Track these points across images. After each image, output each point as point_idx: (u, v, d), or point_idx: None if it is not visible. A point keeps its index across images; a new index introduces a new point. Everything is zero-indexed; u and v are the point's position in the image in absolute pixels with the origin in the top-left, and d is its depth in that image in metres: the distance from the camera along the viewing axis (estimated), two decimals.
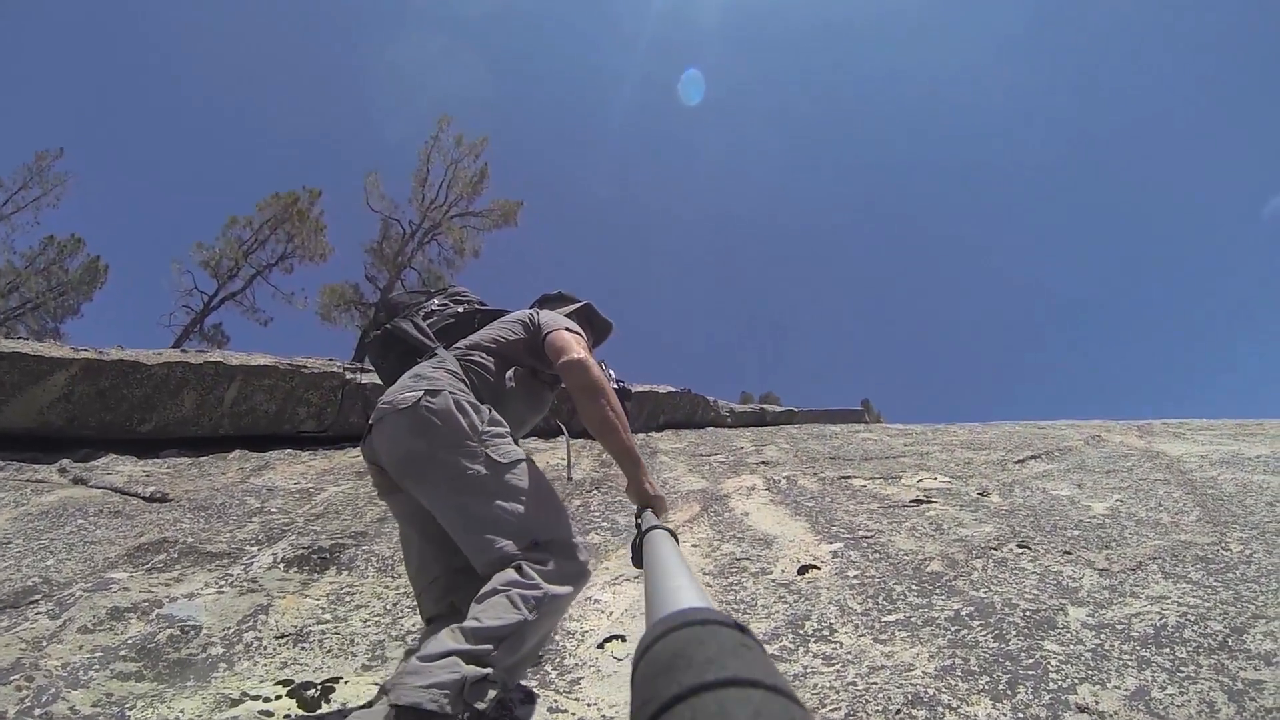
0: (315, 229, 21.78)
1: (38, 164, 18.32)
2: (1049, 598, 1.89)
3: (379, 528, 3.14)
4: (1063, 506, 2.98)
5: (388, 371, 1.71)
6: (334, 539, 2.84)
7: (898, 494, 3.46)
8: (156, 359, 6.36)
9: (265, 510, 3.50)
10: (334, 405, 7.75)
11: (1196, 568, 2.09)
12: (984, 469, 4.10)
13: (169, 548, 2.61)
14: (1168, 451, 4.05)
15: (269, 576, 2.37)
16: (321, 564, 2.57)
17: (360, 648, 1.90)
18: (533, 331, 1.62)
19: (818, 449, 6.06)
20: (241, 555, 2.59)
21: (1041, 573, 2.12)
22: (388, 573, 2.55)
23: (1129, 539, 2.45)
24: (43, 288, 18.97)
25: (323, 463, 5.69)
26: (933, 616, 1.81)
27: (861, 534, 2.70)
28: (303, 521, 3.23)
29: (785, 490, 3.75)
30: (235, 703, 1.52)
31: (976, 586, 2.01)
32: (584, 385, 1.44)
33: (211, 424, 6.58)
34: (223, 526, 3.05)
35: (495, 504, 1.30)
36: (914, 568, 2.23)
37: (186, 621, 1.96)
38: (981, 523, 2.75)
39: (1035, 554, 2.31)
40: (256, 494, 3.95)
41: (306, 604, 2.18)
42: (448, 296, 1.85)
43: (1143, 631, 1.62)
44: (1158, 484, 3.24)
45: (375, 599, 2.29)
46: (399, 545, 2.80)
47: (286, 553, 2.60)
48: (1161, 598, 1.84)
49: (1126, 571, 2.08)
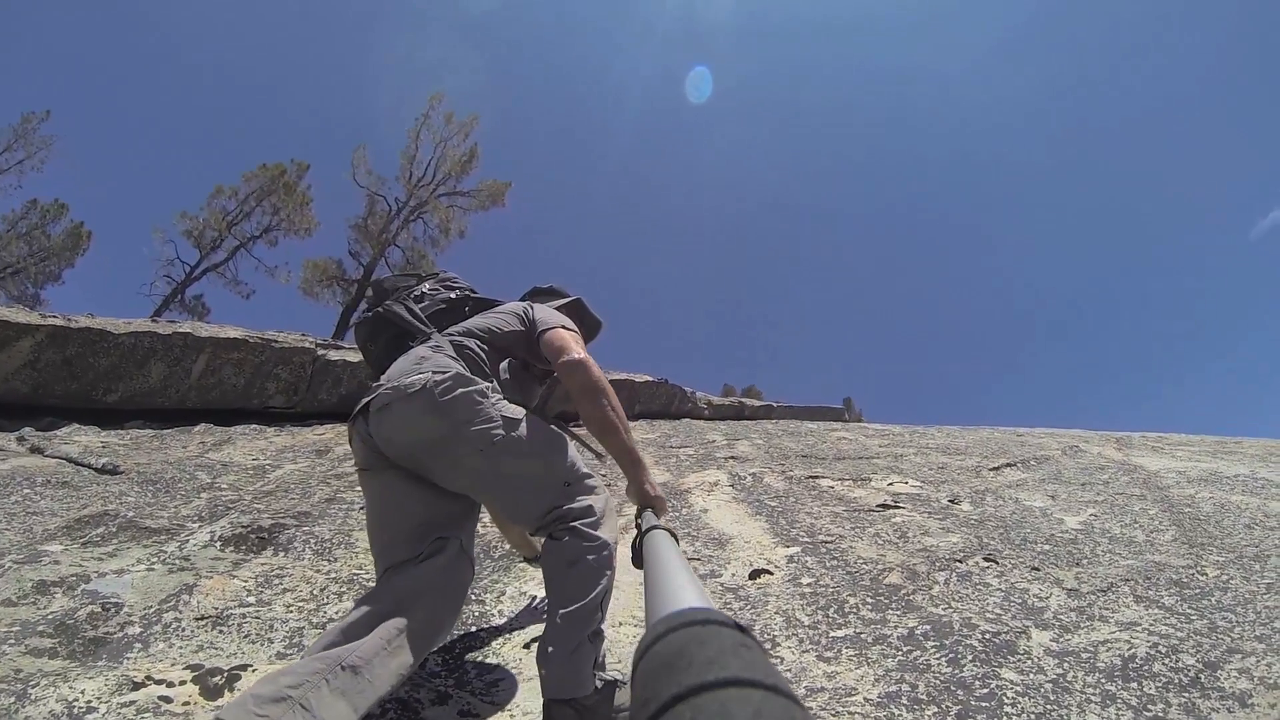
0: (301, 203, 21.35)
1: (23, 125, 17.79)
2: (1012, 618, 1.74)
3: (325, 508, 3.00)
4: (1034, 519, 2.84)
5: (376, 355, 1.71)
6: (276, 518, 2.72)
7: (865, 497, 3.32)
8: (125, 328, 6.17)
9: (215, 486, 3.39)
10: (304, 381, 7.57)
11: (1170, 592, 1.95)
12: (957, 475, 3.97)
13: (109, 521, 2.52)
14: (1145, 465, 3.94)
15: (203, 555, 2.27)
16: (259, 544, 2.45)
17: (278, 634, 1.80)
18: (528, 326, 1.62)
19: (791, 446, 5.93)
20: (180, 532, 2.48)
21: (1006, 590, 1.97)
22: (325, 556, 2.42)
23: (1101, 557, 2.31)
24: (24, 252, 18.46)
25: (285, 439, 5.53)
26: (885, 634, 1.65)
27: (822, 538, 2.55)
28: (250, 499, 3.11)
29: (749, 487, 3.60)
30: (138, 686, 1.45)
31: (936, 602, 1.87)
32: (585, 385, 1.45)
33: (178, 396, 6.42)
34: (169, 501, 2.96)
35: (525, 460, 1.36)
36: (872, 578, 2.08)
37: (110, 599, 1.89)
38: (949, 532, 2.61)
39: (1002, 569, 2.17)
40: (210, 469, 3.84)
41: (233, 585, 2.07)
42: (439, 282, 1.85)
43: (1109, 662, 1.47)
44: (1134, 499, 3.11)
45: (304, 583, 2.16)
46: (340, 528, 2.69)
47: (225, 531, 2.49)
48: (1132, 624, 1.71)
49: (1096, 593, 1.94)
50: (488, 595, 2.20)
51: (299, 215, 21.32)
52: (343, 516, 2.89)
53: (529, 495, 1.38)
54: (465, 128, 20.69)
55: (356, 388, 8.00)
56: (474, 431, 1.35)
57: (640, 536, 0.98)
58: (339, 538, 2.58)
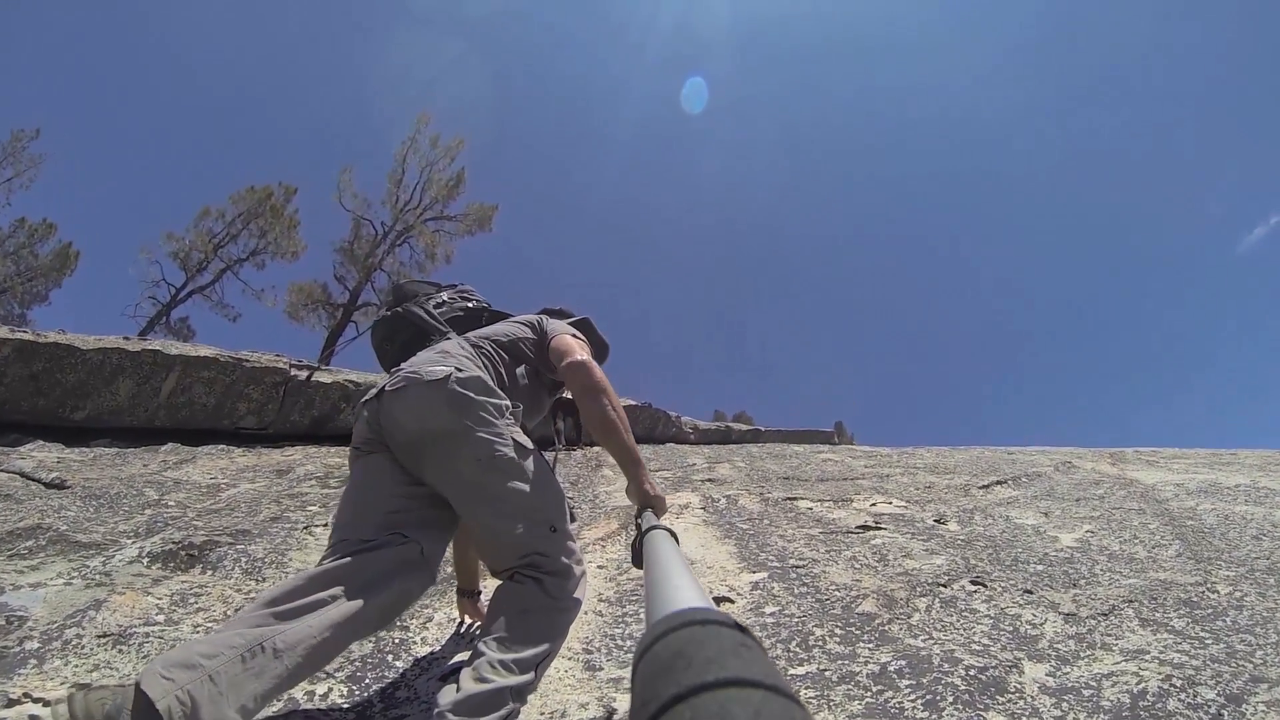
0: (289, 226, 21.14)
1: (13, 143, 17.54)
2: (1001, 649, 1.51)
3: (266, 527, 2.81)
4: (1026, 537, 2.62)
5: (392, 355, 1.72)
6: (212, 535, 2.56)
7: (845, 518, 3.09)
8: (92, 344, 6.00)
9: (162, 503, 3.24)
10: (275, 402, 7.33)
11: (1179, 613, 1.73)
12: (945, 494, 3.74)
13: (40, 534, 2.44)
14: (1142, 479, 3.73)
15: (126, 570, 2.16)
16: (188, 561, 2.30)
17: None
18: (540, 335, 1.65)
19: (773, 468, 5.69)
20: (111, 547, 2.38)
21: (996, 616, 1.74)
22: (252, 575, 2.26)
23: (1100, 576, 2.09)
24: (11, 272, 18.09)
25: (250, 459, 5.34)
26: (852, 672, 1.41)
27: (793, 563, 2.31)
28: (193, 516, 2.96)
29: (723, 510, 3.36)
30: (12, 703, 1.38)
31: (915, 633, 1.63)
32: (587, 386, 1.46)
33: (147, 415, 6.26)
34: (110, 516, 2.86)
35: (519, 486, 1.31)
36: (843, 606, 1.84)
37: (17, 611, 1.82)
38: (933, 554, 2.38)
39: (991, 593, 1.94)
40: (160, 486, 3.70)
41: (144, 603, 1.94)
42: (456, 292, 1.88)
43: (1116, 700, 1.24)
44: (1132, 513, 2.90)
45: (219, 602, 2.01)
46: (276, 547, 2.50)
47: (155, 547, 2.35)
48: (1139, 652, 1.48)
49: (1097, 617, 1.72)
50: (413, 621, 1.96)
51: (286, 238, 21.10)
52: (283, 536, 2.68)
53: (511, 524, 1.30)
54: (451, 151, 20.64)
55: (330, 409, 7.76)
56: (479, 438, 1.32)
57: (640, 536, 0.96)
58: (271, 557, 2.43)
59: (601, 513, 3.35)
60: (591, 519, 3.22)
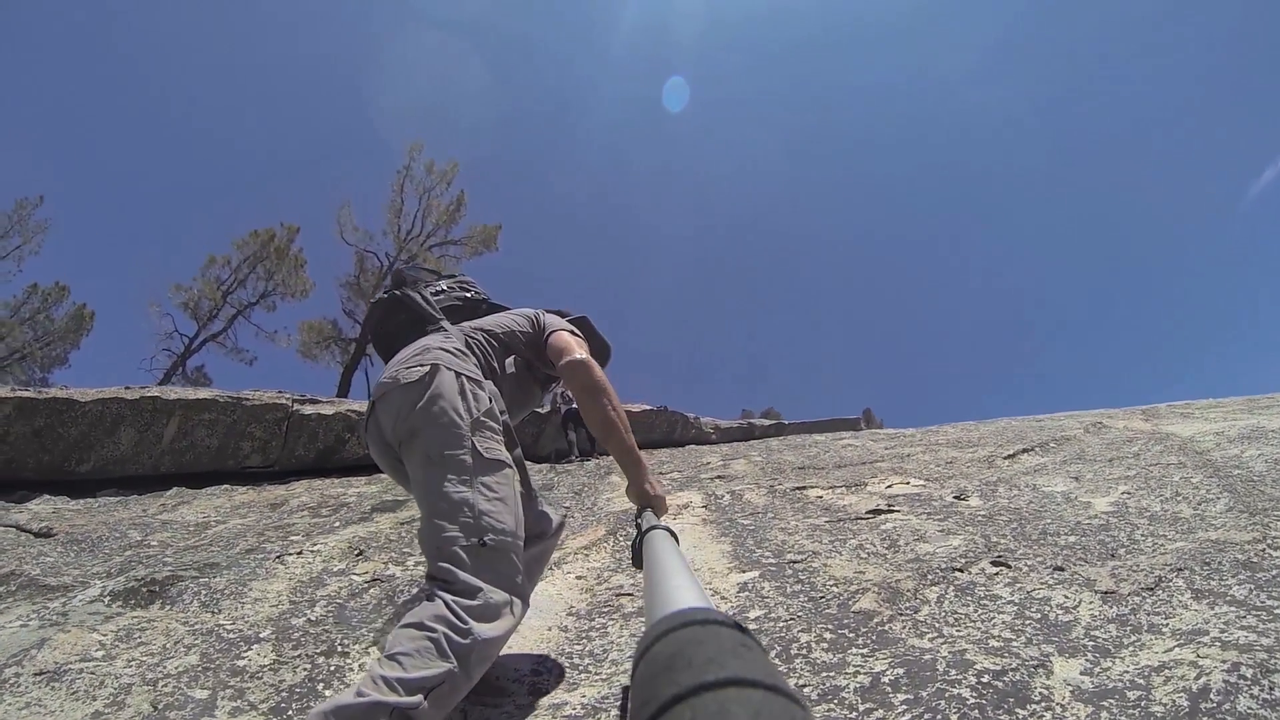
0: (295, 265, 21.33)
1: (18, 212, 17.90)
2: (1026, 644, 1.24)
3: (238, 559, 2.65)
4: (1056, 505, 2.33)
5: (386, 340, 1.69)
6: (178, 571, 2.43)
7: (855, 504, 2.81)
8: (91, 396, 5.97)
9: (144, 544, 3.23)
10: (278, 438, 7.24)
11: (1239, 579, 1.45)
12: (967, 468, 3.45)
13: (11, 580, 2.43)
14: (1178, 433, 3.40)
15: (83, 610, 2.07)
16: (148, 597, 2.18)
17: (104, 692, 1.58)
18: (538, 329, 1.63)
19: (790, 459, 5.43)
20: (77, 589, 2.30)
21: (1021, 602, 1.47)
22: (209, 608, 2.12)
23: (1142, 543, 1.81)
24: (29, 337, 18.42)
25: (249, 496, 5.29)
26: (837, 687, 1.15)
27: (790, 558, 2.06)
28: (170, 554, 2.92)
29: (725, 507, 3.11)
30: None
31: (921, 631, 1.37)
32: (586, 385, 1.44)
33: (151, 462, 6.30)
34: (88, 560, 2.86)
35: (460, 491, 1.23)
36: (840, 604, 1.58)
37: None
38: (949, 534, 2.11)
39: (1015, 574, 1.67)
40: (145, 528, 3.66)
41: (87, 640, 1.86)
42: (455, 282, 1.87)
43: (1171, 703, 0.97)
44: (1172, 468, 2.59)
45: (162, 636, 1.89)
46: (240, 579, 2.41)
47: (118, 586, 2.24)
48: (1195, 633, 1.21)
49: (1141, 592, 1.44)
50: (354, 646, 1.75)
51: (293, 278, 21.29)
52: (252, 567, 2.53)
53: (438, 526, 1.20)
54: (447, 176, 20.67)
55: (334, 441, 7.64)
56: (432, 435, 1.27)
57: (640, 536, 0.96)
58: (232, 588, 2.30)
59: (594, 520, 3.11)
60: (583, 526, 3.00)
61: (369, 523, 3.37)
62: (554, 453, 9.07)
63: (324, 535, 3.06)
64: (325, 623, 1.98)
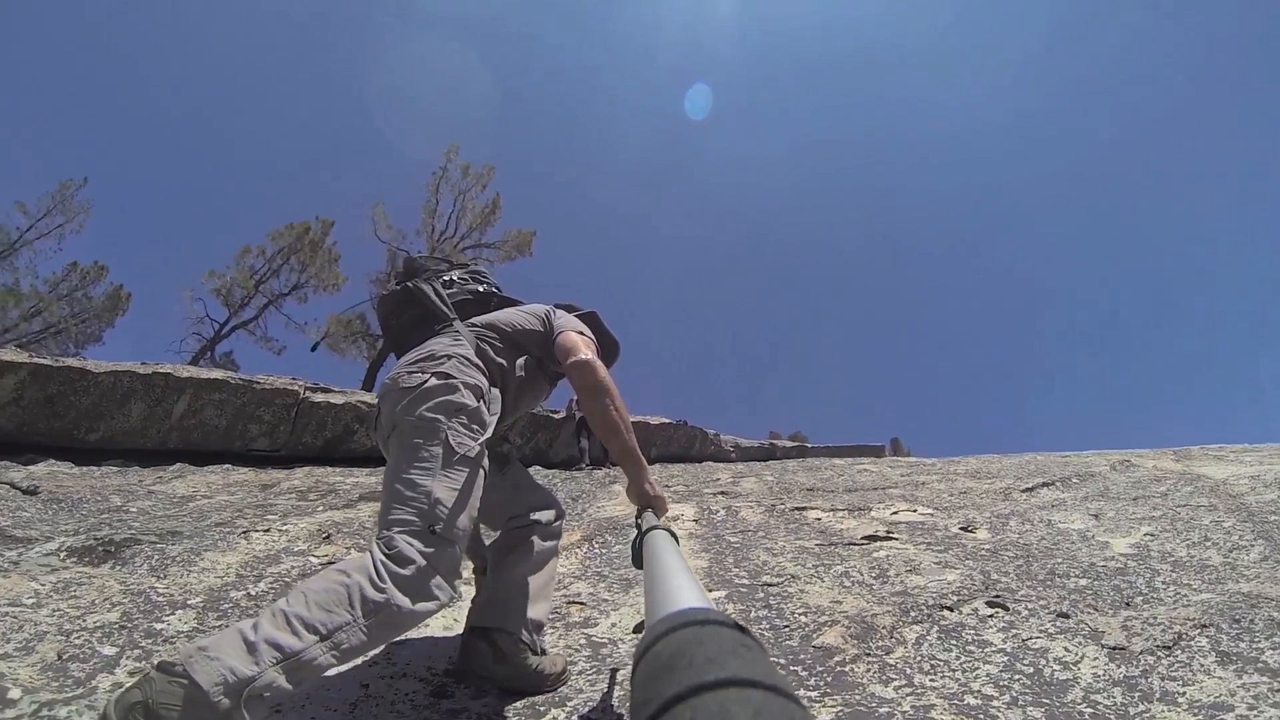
0: (329, 259, 21.66)
1: (61, 192, 18.51)
2: (1007, 706, 1.06)
3: (204, 530, 2.63)
4: (1070, 543, 2.11)
5: (395, 332, 1.69)
6: (138, 535, 2.42)
7: (854, 528, 2.62)
8: (105, 367, 6.04)
9: (124, 510, 3.23)
10: (287, 424, 7.23)
11: (1273, 641, 1.25)
12: (981, 499, 3.22)
13: None
14: (1210, 474, 3.13)
15: (35, 561, 2.08)
16: (102, 556, 2.21)
17: (19, 636, 1.56)
18: (548, 328, 1.61)
19: (801, 480, 5.22)
20: (39, 542, 2.30)
21: (1013, 652, 1.29)
22: (155, 572, 2.11)
23: (1162, 592, 1.60)
24: (65, 313, 18.97)
25: (246, 476, 5.28)
26: None
27: (767, 580, 1.88)
28: (141, 520, 2.90)
29: (717, 522, 2.94)
30: None
31: (887, 676, 1.19)
32: (590, 385, 1.45)
33: (159, 437, 6.34)
34: (65, 518, 2.86)
35: (424, 479, 1.23)
36: (802, 636, 1.41)
37: None
38: (946, 567, 1.91)
39: (1011, 617, 1.48)
40: (130, 495, 3.68)
41: (23, 587, 1.85)
42: (467, 273, 1.84)
43: None
44: (1202, 510, 2.35)
45: (95, 592, 1.89)
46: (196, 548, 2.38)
47: (78, 543, 2.28)
48: (1218, 707, 1.01)
49: (1156, 651, 1.24)
50: None
51: (326, 272, 21.60)
52: (213, 539, 2.47)
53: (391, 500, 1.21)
54: (483, 179, 20.80)
55: (342, 431, 7.62)
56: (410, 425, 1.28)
57: (640, 536, 0.96)
58: (186, 556, 2.26)
59: (576, 524, 2.97)
60: None
61: (350, 509, 3.27)
62: (566, 460, 8.96)
63: (299, 517, 2.96)
64: (264, 599, 1.90)
